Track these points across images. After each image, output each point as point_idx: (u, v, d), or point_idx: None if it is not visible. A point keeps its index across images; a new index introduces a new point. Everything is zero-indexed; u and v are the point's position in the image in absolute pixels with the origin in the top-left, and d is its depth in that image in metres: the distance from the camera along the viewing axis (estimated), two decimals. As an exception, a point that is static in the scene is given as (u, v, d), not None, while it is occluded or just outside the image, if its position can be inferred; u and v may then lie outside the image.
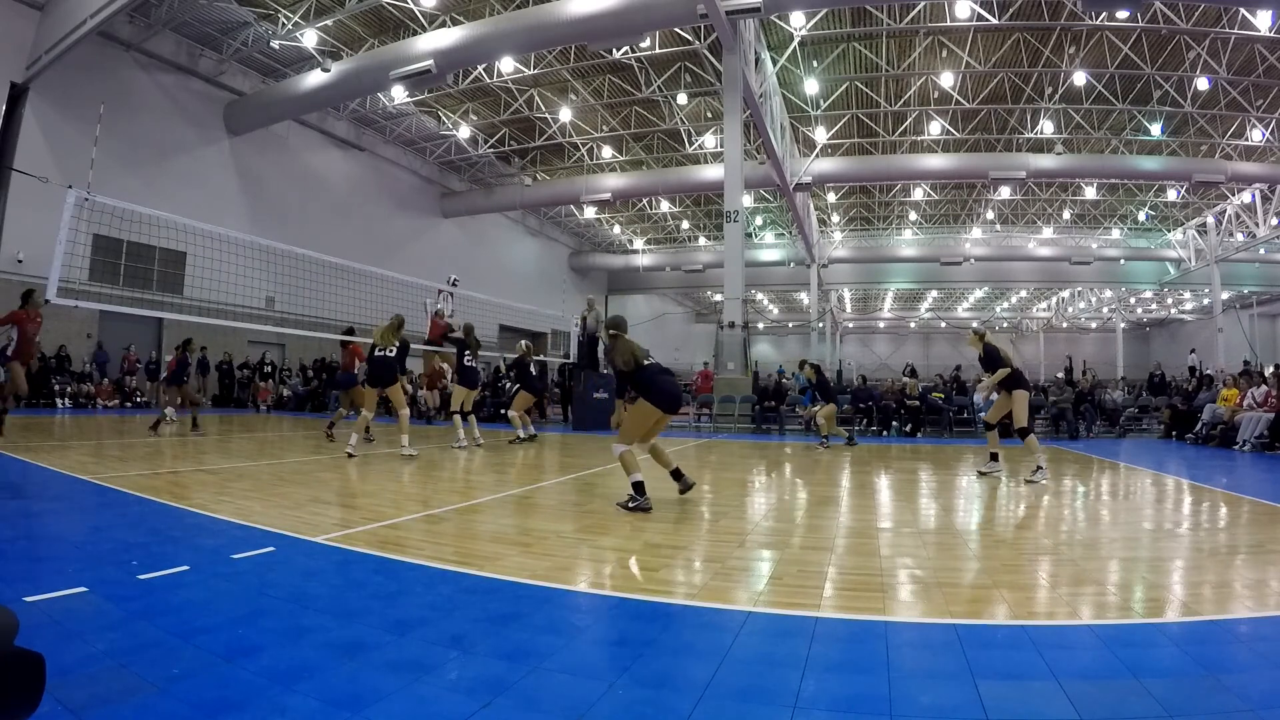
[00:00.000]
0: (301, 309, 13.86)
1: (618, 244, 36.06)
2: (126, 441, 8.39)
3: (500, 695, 1.71)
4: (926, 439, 12.70)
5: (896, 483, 6.45)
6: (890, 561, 3.18)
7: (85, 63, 14.60)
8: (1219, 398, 11.78)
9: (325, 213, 21.01)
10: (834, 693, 1.77)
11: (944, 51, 17.50)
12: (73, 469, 5.55)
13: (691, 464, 7.65)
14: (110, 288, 14.92)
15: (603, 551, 3.37)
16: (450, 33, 14.97)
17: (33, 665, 0.92)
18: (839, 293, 39.33)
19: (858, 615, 2.39)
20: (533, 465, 7.36)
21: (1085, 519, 4.58)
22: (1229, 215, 25.83)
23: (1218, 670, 1.90)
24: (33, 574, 2.66)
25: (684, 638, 2.16)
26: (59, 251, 6.94)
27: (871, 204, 29.60)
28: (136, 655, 1.89)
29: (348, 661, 1.91)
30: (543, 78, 19.46)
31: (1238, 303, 29.18)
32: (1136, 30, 16.04)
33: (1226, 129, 20.35)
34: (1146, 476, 7.14)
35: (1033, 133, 20.98)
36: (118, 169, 14.80)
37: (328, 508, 4.36)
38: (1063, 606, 2.51)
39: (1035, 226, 31.07)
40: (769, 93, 17.57)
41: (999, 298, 43.08)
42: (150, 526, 3.63)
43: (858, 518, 4.41)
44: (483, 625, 2.25)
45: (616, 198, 24.09)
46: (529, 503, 4.87)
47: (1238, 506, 5.09)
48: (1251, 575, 3.00)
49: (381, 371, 7.51)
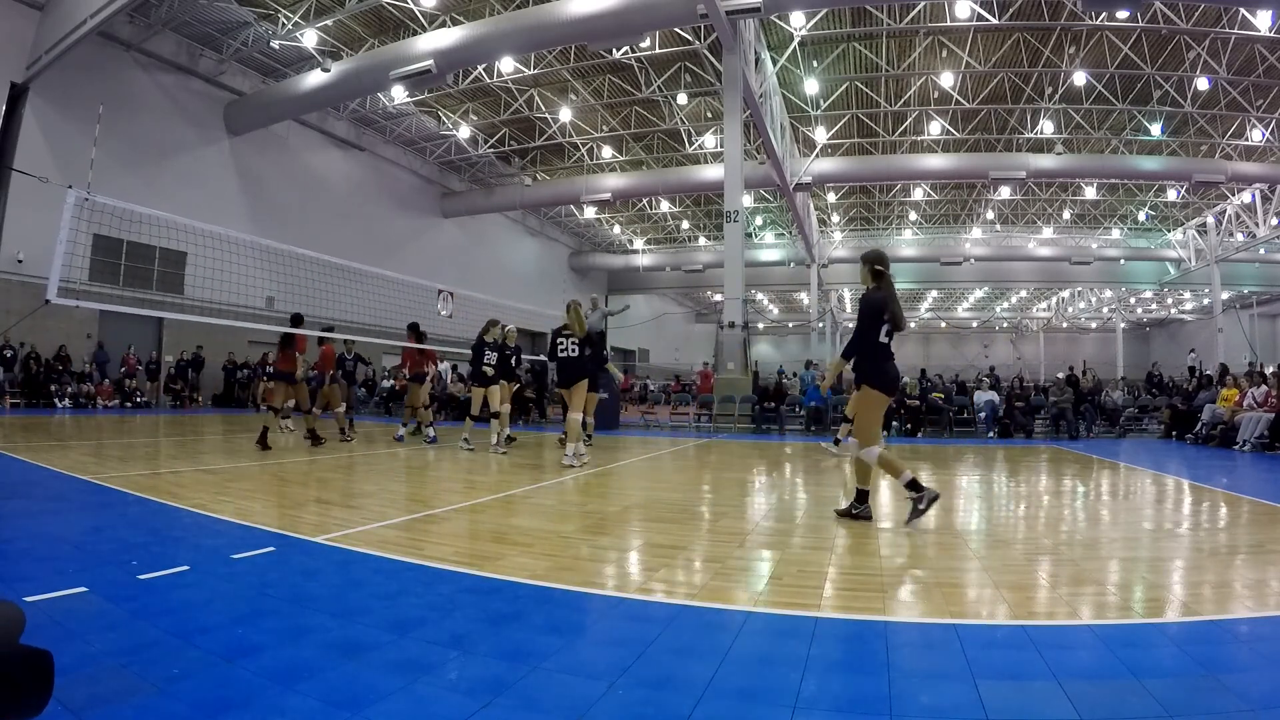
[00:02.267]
0: (302, 309, 13.82)
1: (618, 244, 36.06)
2: (127, 441, 8.40)
3: (500, 695, 1.71)
4: (926, 439, 12.70)
5: (896, 483, 6.43)
6: (890, 561, 3.18)
7: (85, 63, 14.59)
8: (1219, 398, 11.78)
9: (325, 213, 21.00)
10: (834, 693, 1.77)
11: (944, 51, 17.49)
12: (73, 469, 5.55)
13: (692, 464, 7.66)
14: (110, 288, 14.92)
15: (603, 551, 3.37)
16: (450, 33, 14.97)
17: (41, 662, 0.91)
18: (839, 293, 39.32)
19: (858, 615, 2.39)
20: (533, 465, 7.36)
21: (1085, 519, 4.58)
22: (1229, 215, 25.83)
23: (1218, 670, 1.90)
24: (33, 574, 2.66)
25: (684, 638, 2.16)
26: (59, 251, 6.92)
27: (871, 204, 29.60)
28: (136, 655, 1.89)
29: (348, 661, 1.91)
30: (543, 78, 19.46)
31: (1238, 303, 29.18)
32: (1136, 30, 16.04)
33: (1226, 129, 20.34)
34: (1146, 476, 7.13)
35: (1033, 133, 20.98)
36: (118, 169, 14.79)
37: (328, 508, 4.35)
38: (1063, 606, 2.51)
39: (1035, 226, 31.06)
40: (769, 93, 17.56)
41: (999, 298, 43.09)
42: (150, 526, 3.63)
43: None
44: (483, 625, 2.25)
45: (616, 198, 24.09)
46: (529, 503, 4.86)
47: (1238, 506, 5.09)
48: (1251, 575, 3.00)
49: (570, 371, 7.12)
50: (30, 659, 0.90)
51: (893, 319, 4.02)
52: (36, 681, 0.91)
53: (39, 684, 0.91)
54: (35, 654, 0.91)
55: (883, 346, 4.05)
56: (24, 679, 0.89)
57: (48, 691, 0.92)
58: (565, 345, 7.06)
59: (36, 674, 0.91)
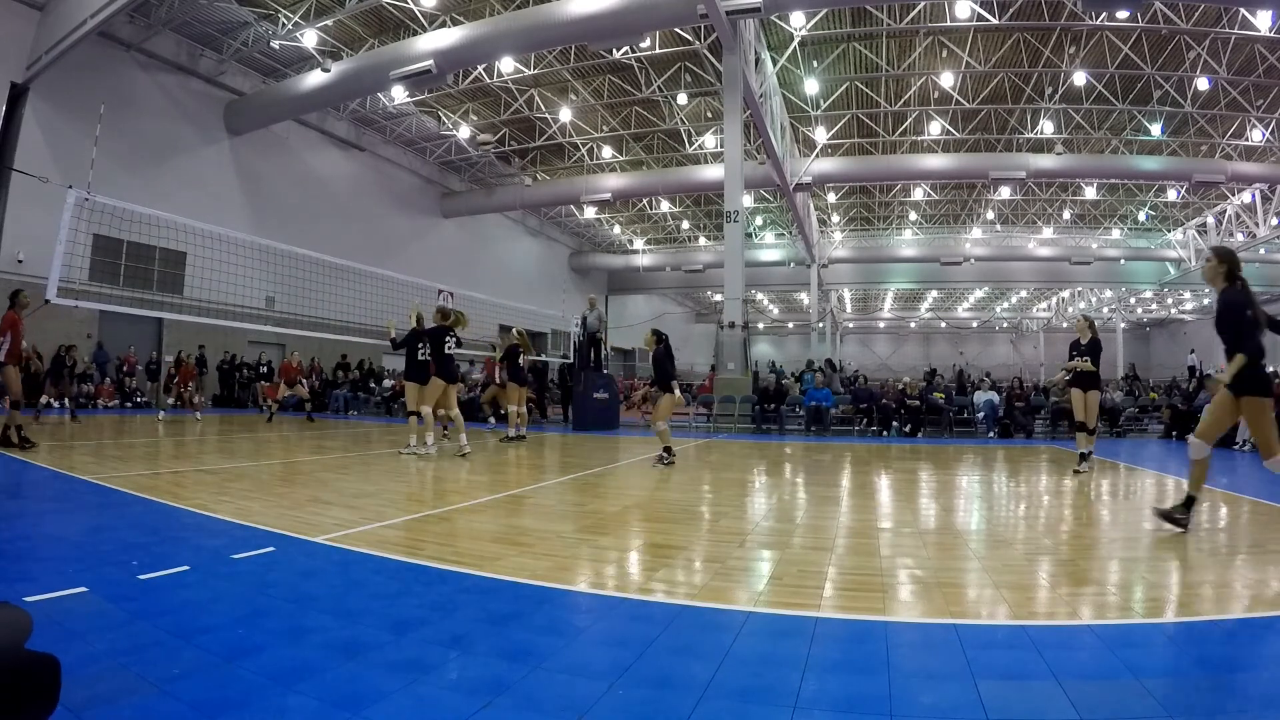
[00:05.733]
0: (302, 309, 13.84)
1: (618, 244, 36.05)
2: (127, 441, 8.40)
3: (500, 695, 1.71)
4: (926, 439, 12.70)
5: (896, 483, 6.45)
6: (890, 561, 3.18)
7: (85, 63, 14.59)
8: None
9: (325, 213, 21.00)
10: (834, 693, 1.77)
11: (944, 51, 17.49)
12: (73, 469, 5.55)
13: (692, 464, 7.65)
14: (110, 288, 14.90)
15: (603, 551, 3.37)
16: (450, 33, 14.97)
17: (48, 668, 0.90)
18: (839, 293, 39.33)
19: (858, 615, 2.39)
20: (533, 465, 7.36)
21: (1085, 519, 4.58)
22: (1229, 215, 25.83)
23: (1218, 670, 1.90)
24: (33, 574, 2.66)
25: (684, 638, 2.16)
26: (59, 251, 6.93)
27: (871, 204, 29.60)
28: (136, 655, 1.89)
29: (348, 661, 1.91)
30: (543, 78, 19.46)
31: (1238, 303, 29.12)
32: (1136, 30, 16.04)
33: (1226, 129, 20.34)
34: (1147, 476, 7.13)
35: (1033, 133, 20.98)
36: (118, 169, 14.79)
37: (328, 508, 4.35)
38: (1063, 606, 2.51)
39: (1035, 226, 31.06)
40: (769, 93, 17.56)
41: (999, 298, 43.08)
42: (150, 526, 3.63)
43: (858, 518, 4.41)
44: (483, 625, 2.25)
45: (616, 198, 24.09)
46: (529, 503, 4.86)
47: (1238, 506, 5.09)
48: (1251, 575, 3.00)
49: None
50: (36, 664, 0.90)
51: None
52: (43, 687, 0.90)
53: (45, 689, 0.90)
54: (42, 659, 0.90)
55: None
56: (30, 684, 0.89)
57: (54, 697, 0.92)
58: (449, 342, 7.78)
59: (43, 679, 0.90)
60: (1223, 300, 3.90)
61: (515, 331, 10.38)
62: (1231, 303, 3.84)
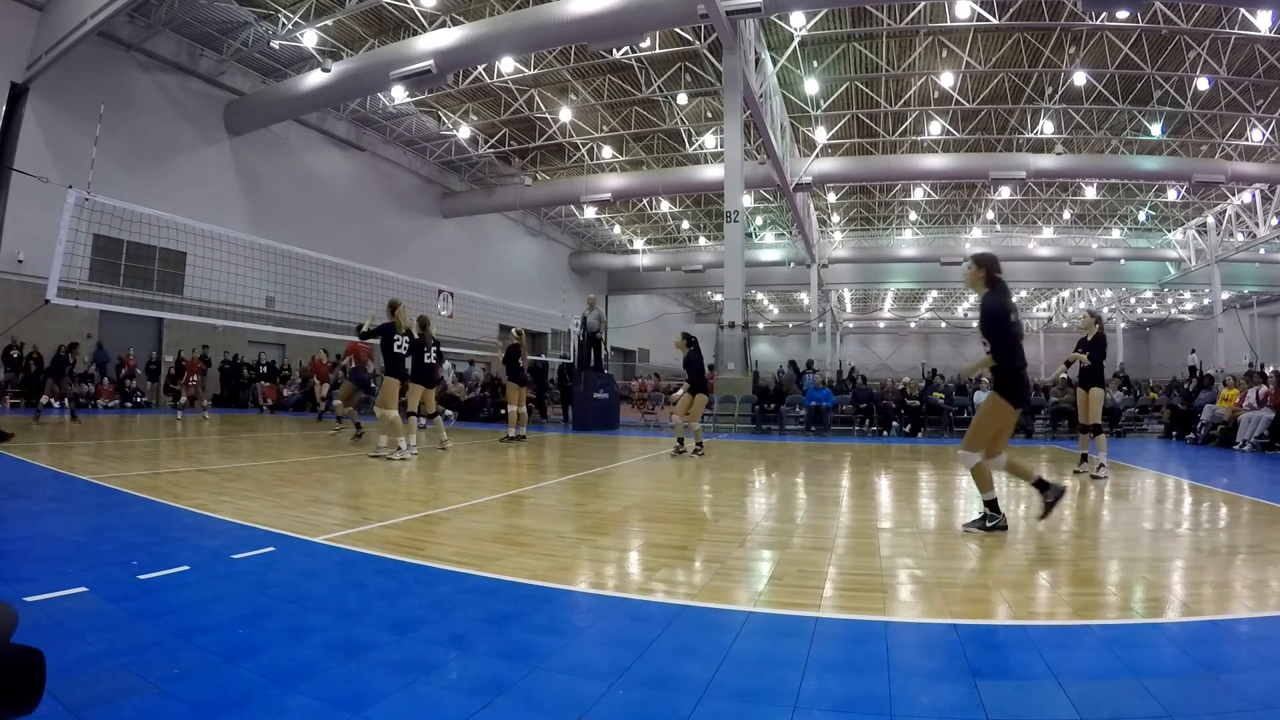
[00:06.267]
0: (302, 309, 13.85)
1: (618, 244, 36.05)
2: (127, 441, 8.40)
3: (501, 695, 1.71)
4: (926, 439, 12.70)
5: (896, 483, 6.45)
6: (890, 561, 3.18)
7: (85, 63, 14.59)
8: (1219, 398, 11.78)
9: (325, 213, 20.99)
10: (834, 693, 1.77)
11: (944, 51, 17.49)
12: (73, 469, 5.55)
13: (692, 464, 7.65)
14: (110, 288, 14.91)
15: (603, 551, 3.37)
16: (450, 33, 14.97)
17: (32, 661, 0.91)
18: (839, 293, 39.31)
19: (858, 615, 2.39)
20: (533, 465, 7.36)
21: (1085, 519, 4.58)
22: (1229, 215, 25.82)
23: (1218, 670, 1.90)
24: (33, 574, 2.66)
25: (684, 638, 2.16)
26: (59, 251, 6.94)
27: (871, 204, 29.59)
28: (136, 655, 1.89)
29: (348, 661, 1.91)
30: (543, 78, 19.45)
31: (1238, 303, 29.18)
32: (1136, 30, 16.04)
33: (1226, 129, 20.34)
34: (1147, 477, 7.13)
35: (1033, 133, 20.98)
36: (118, 169, 14.79)
37: (328, 508, 4.36)
38: (1063, 606, 2.51)
39: (1035, 226, 31.05)
40: (769, 93, 17.56)
41: (999, 298, 43.02)
42: (150, 526, 3.63)
43: (858, 518, 4.41)
44: (483, 625, 2.25)
45: (616, 198, 24.08)
46: (529, 503, 4.86)
47: (1238, 506, 5.09)
48: (1251, 575, 3.00)
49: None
50: (20, 658, 0.90)
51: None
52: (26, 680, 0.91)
53: (29, 683, 0.91)
54: (25, 653, 0.91)
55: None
56: (13, 678, 0.89)
57: (38, 690, 0.92)
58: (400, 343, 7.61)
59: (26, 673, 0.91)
60: (984, 305, 4.05)
61: (515, 331, 10.42)
62: (992, 307, 3.99)
